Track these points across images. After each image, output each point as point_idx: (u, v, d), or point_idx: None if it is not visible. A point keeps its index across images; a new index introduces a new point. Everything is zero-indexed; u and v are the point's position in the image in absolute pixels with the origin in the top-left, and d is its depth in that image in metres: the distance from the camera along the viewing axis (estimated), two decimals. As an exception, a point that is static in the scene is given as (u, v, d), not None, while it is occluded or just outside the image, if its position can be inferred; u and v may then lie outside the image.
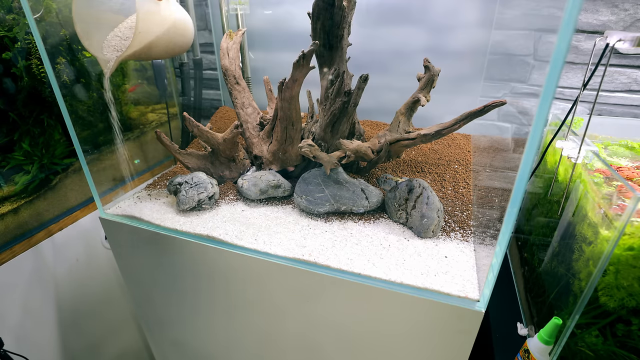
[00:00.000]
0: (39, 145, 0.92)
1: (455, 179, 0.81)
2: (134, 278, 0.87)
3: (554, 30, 0.36)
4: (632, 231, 0.50)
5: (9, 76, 0.84)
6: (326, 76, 0.77)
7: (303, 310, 0.69)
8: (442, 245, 0.65)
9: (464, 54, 0.97)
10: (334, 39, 0.73)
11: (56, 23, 0.87)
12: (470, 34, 0.95)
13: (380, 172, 0.85)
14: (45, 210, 0.97)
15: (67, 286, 1.05)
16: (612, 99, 0.91)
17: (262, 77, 0.94)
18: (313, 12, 0.71)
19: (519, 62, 0.86)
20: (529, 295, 0.77)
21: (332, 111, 0.72)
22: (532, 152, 0.40)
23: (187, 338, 0.91)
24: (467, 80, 1.00)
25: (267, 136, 0.83)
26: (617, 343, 0.56)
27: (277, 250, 0.65)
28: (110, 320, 1.22)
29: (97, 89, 0.99)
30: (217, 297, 0.77)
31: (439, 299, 0.55)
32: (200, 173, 0.79)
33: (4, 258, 0.87)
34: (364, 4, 0.96)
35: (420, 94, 0.72)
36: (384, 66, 1.06)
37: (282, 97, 0.70)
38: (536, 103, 0.38)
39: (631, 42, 0.54)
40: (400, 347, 0.64)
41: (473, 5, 0.92)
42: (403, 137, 0.73)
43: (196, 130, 0.77)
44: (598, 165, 0.61)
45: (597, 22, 0.85)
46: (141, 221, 0.76)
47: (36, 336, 0.98)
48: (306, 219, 0.73)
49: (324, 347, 0.72)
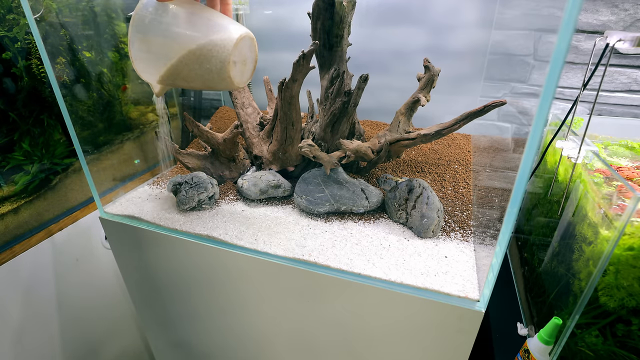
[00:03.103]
0: (39, 145, 0.92)
1: (455, 179, 0.81)
2: (134, 278, 0.87)
3: (554, 30, 0.36)
4: (632, 231, 0.50)
5: (9, 76, 0.84)
6: (326, 76, 0.77)
7: (303, 310, 0.69)
8: (442, 245, 0.65)
9: (464, 54, 0.97)
10: (334, 39, 0.73)
11: (56, 23, 0.87)
12: (470, 34, 0.95)
13: (380, 172, 0.85)
14: (45, 210, 0.97)
15: (67, 286, 1.05)
16: (612, 99, 0.91)
17: (262, 77, 0.94)
18: (313, 12, 0.71)
19: (519, 62, 0.86)
20: (529, 295, 0.77)
21: (332, 111, 0.72)
22: (532, 152, 0.40)
23: (187, 338, 0.91)
24: (467, 80, 1.00)
25: (267, 136, 0.83)
26: (617, 343, 0.56)
27: (277, 250, 0.65)
28: (110, 320, 1.21)
29: (97, 88, 0.99)
30: (217, 297, 0.77)
31: (439, 299, 0.55)
32: (200, 173, 0.79)
33: (4, 258, 0.87)
34: (364, 4, 0.96)
35: (420, 94, 0.72)
36: (384, 66, 1.06)
37: (282, 97, 0.70)
38: (536, 103, 0.38)
39: (631, 42, 0.54)
40: (400, 347, 0.64)
41: (473, 5, 0.92)
42: (403, 137, 0.73)
43: (196, 130, 0.77)
44: (598, 165, 0.61)
45: (597, 22, 0.85)
46: (141, 221, 0.76)
47: (36, 336, 0.98)
48: (306, 219, 0.73)
49: (323, 347, 0.72)
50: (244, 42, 0.53)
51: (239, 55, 0.53)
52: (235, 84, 0.54)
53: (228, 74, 0.52)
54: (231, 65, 0.51)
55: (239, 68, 0.54)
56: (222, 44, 0.50)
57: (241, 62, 0.54)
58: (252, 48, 0.55)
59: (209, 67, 0.51)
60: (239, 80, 0.55)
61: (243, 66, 0.55)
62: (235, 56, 0.52)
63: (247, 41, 0.53)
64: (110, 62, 1.02)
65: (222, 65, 0.51)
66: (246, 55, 0.55)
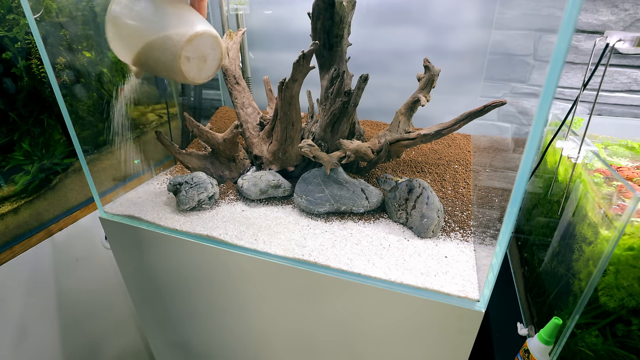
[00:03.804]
0: (39, 145, 0.92)
1: (455, 179, 0.81)
2: (134, 278, 0.87)
3: (554, 30, 0.36)
4: (632, 231, 0.50)
5: (9, 76, 0.84)
6: (326, 76, 0.77)
7: (303, 310, 0.69)
8: (442, 245, 0.65)
9: (464, 54, 0.97)
10: (333, 39, 0.73)
11: (56, 23, 0.87)
12: (470, 34, 0.95)
13: (380, 172, 0.85)
14: (45, 210, 0.97)
15: (67, 286, 1.05)
16: (612, 99, 0.91)
17: (262, 77, 0.94)
18: (313, 12, 0.71)
19: (519, 62, 0.86)
20: (529, 295, 0.77)
21: (332, 111, 0.72)
22: (532, 152, 0.40)
23: (187, 338, 0.91)
24: (467, 80, 1.00)
25: (267, 136, 0.83)
26: (617, 343, 0.56)
27: (277, 250, 0.65)
28: (110, 320, 1.21)
29: (97, 88, 0.99)
30: (216, 297, 0.77)
31: (439, 299, 0.55)
32: (200, 173, 0.79)
33: (4, 258, 0.87)
34: (364, 4, 0.96)
35: (420, 94, 0.72)
36: (384, 66, 1.06)
37: (282, 97, 0.70)
38: (536, 103, 0.38)
39: (631, 42, 0.54)
40: (400, 347, 0.64)
41: (473, 5, 0.92)
42: (403, 137, 0.73)
43: (196, 130, 0.77)
44: (598, 165, 0.61)
45: (597, 22, 0.85)
46: (141, 221, 0.76)
47: (36, 336, 0.98)
48: (306, 219, 0.73)
49: (323, 347, 0.72)
50: (202, 39, 0.54)
51: (194, 51, 0.55)
52: (189, 78, 0.56)
53: (179, 68, 0.54)
54: (183, 60, 0.54)
55: (195, 64, 0.56)
56: (176, 39, 0.53)
57: (198, 58, 0.56)
58: (215, 46, 0.57)
59: (164, 59, 0.54)
60: (195, 76, 0.57)
61: (202, 62, 0.57)
62: (189, 52, 0.54)
63: (207, 39, 0.55)
64: (110, 62, 1.02)
65: (174, 58, 0.53)
66: (206, 52, 0.56)
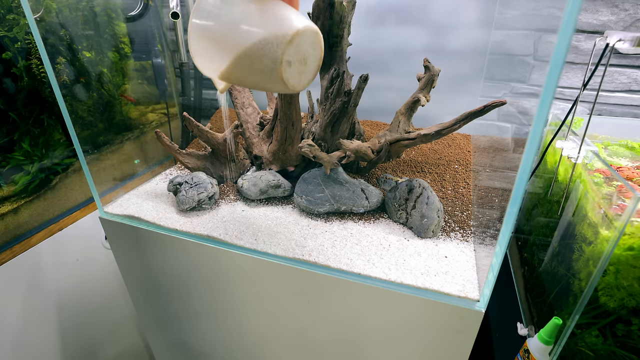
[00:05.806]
0: (39, 145, 0.92)
1: (455, 179, 0.81)
2: (134, 278, 0.87)
3: (554, 30, 0.36)
4: (632, 231, 0.50)
5: (9, 76, 0.84)
6: (326, 76, 0.77)
7: (303, 310, 0.69)
8: (442, 245, 0.65)
9: (464, 54, 0.97)
10: (333, 39, 0.73)
11: (56, 23, 0.87)
12: (470, 34, 0.95)
13: (380, 172, 0.85)
14: (45, 210, 0.97)
15: (67, 286, 1.05)
16: (612, 99, 0.91)
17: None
18: (313, 12, 0.71)
19: (519, 62, 0.86)
20: (529, 295, 0.77)
21: (332, 111, 0.72)
22: (532, 152, 0.40)
23: (187, 338, 0.91)
24: (467, 80, 1.00)
25: (267, 136, 0.83)
26: (617, 343, 0.56)
27: (277, 250, 0.65)
28: (110, 320, 1.21)
29: (97, 88, 0.99)
30: (216, 297, 0.77)
31: (439, 299, 0.55)
32: (200, 173, 0.79)
33: (4, 258, 0.87)
34: (364, 4, 0.96)
35: (420, 94, 0.72)
36: (384, 66, 1.06)
37: (282, 97, 0.70)
38: (536, 103, 0.38)
39: (631, 42, 0.54)
40: (400, 347, 0.64)
41: (473, 5, 0.92)
42: (403, 137, 0.73)
43: (196, 130, 0.77)
44: (598, 165, 0.61)
45: (597, 22, 0.85)
46: (141, 221, 0.76)
47: (36, 336, 0.98)
48: (306, 219, 0.73)
49: (323, 347, 0.72)
50: (303, 37, 0.43)
51: (295, 53, 0.44)
52: (290, 86, 0.45)
53: (280, 76, 0.43)
54: (285, 66, 0.43)
55: (295, 68, 0.45)
56: (275, 42, 0.42)
57: (299, 61, 0.45)
58: (316, 44, 0.46)
59: (261, 67, 0.43)
60: (296, 83, 0.46)
61: (302, 66, 0.46)
62: (291, 55, 0.43)
63: (308, 36, 0.44)
64: (110, 62, 1.02)
65: (274, 66, 0.43)
66: (307, 53, 0.45)
